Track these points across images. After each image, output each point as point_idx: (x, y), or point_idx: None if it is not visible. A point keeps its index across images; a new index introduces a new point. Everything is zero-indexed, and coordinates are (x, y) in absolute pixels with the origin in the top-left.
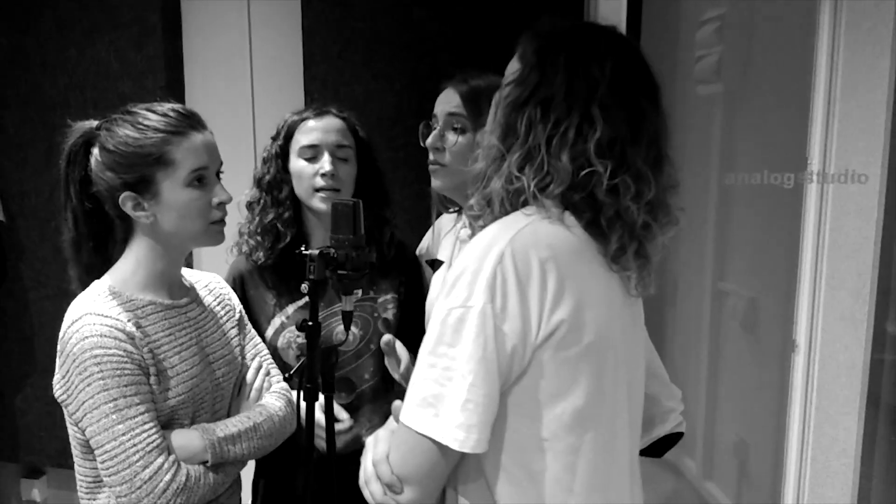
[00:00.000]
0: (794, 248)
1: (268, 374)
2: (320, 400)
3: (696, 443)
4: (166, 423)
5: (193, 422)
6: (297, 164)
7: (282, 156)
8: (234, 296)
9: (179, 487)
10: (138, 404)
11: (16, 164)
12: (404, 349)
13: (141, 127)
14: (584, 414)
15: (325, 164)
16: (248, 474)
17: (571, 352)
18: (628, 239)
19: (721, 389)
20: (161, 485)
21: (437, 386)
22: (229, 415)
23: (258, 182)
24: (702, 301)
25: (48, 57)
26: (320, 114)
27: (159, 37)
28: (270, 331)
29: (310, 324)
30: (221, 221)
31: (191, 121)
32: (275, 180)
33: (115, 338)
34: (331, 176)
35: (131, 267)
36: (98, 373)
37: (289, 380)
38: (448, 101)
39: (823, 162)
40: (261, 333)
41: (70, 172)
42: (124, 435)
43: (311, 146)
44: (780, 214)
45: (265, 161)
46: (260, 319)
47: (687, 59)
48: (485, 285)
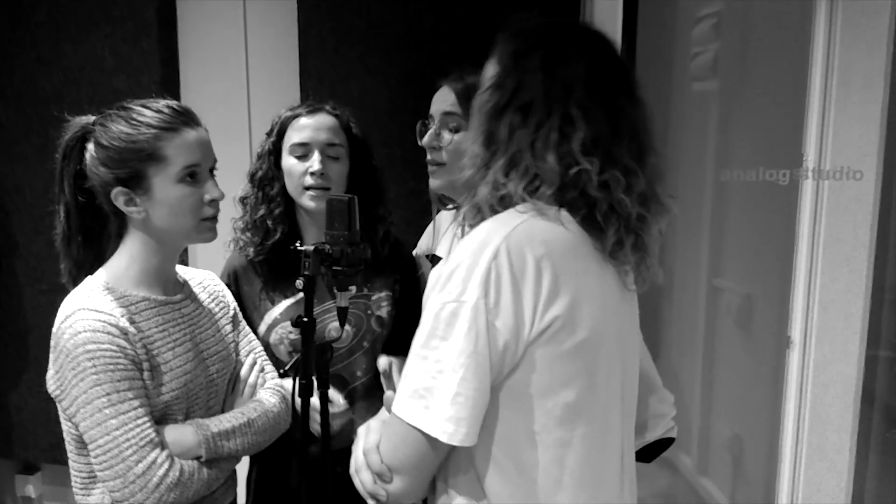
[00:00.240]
0: (790, 245)
1: (262, 370)
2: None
3: (691, 439)
4: (160, 419)
5: (187, 418)
6: (287, 161)
7: (274, 152)
8: (228, 293)
9: (173, 482)
10: (132, 399)
11: (10, 159)
12: (399, 372)
13: (134, 123)
14: (576, 409)
15: (315, 162)
16: (243, 470)
17: (564, 348)
18: (625, 232)
19: (716, 385)
20: (154, 479)
21: (428, 378)
22: (223, 411)
23: (251, 177)
24: (697, 297)
25: (42, 51)
26: (313, 111)
27: (154, 32)
28: (263, 327)
29: (305, 320)
30: (213, 218)
31: (184, 117)
32: (266, 176)
33: (109, 333)
34: (319, 175)
35: (125, 262)
36: (91, 368)
37: (283, 376)
38: (444, 100)
39: (819, 159)
40: (253, 329)
41: (65, 167)
42: (118, 430)
43: (302, 144)
44: (776, 211)
45: (258, 157)
46: (253, 315)
47: (683, 55)
48: (479, 281)
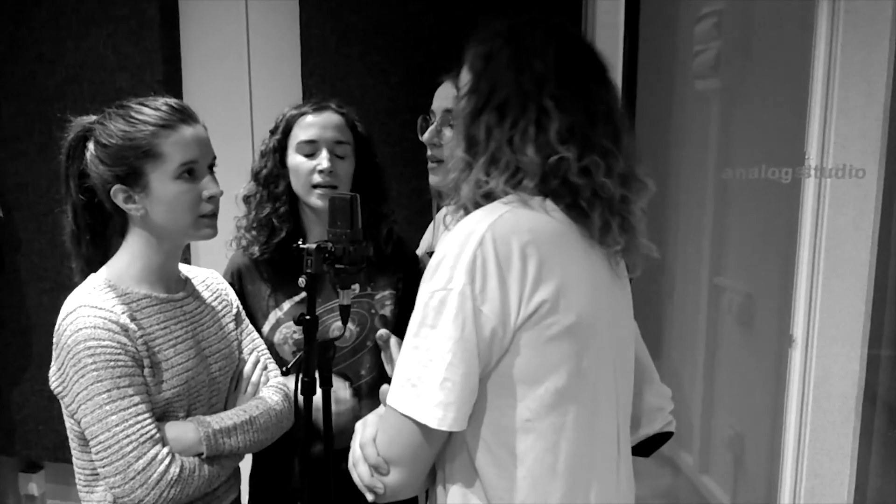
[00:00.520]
0: (792, 243)
1: (265, 368)
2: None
3: (692, 437)
4: (161, 416)
5: (189, 415)
6: (294, 159)
7: (279, 150)
8: (231, 291)
9: (173, 479)
10: (132, 395)
11: (12, 157)
12: (398, 345)
13: (132, 120)
14: (566, 394)
15: (323, 160)
16: (247, 468)
17: (552, 332)
18: (609, 214)
19: (718, 384)
20: (154, 476)
21: (419, 367)
22: (226, 409)
23: (255, 176)
24: (699, 296)
25: (44, 49)
26: (319, 109)
27: (157, 30)
28: (267, 326)
29: (307, 318)
30: (213, 215)
31: (181, 114)
32: (271, 175)
33: (109, 329)
34: (328, 173)
35: (127, 260)
36: (92, 364)
37: (286, 374)
38: (445, 97)
39: (821, 157)
40: (257, 328)
41: (69, 167)
42: (118, 426)
43: (309, 142)
44: (777, 209)
45: (262, 155)
46: (257, 315)
47: (685, 53)
48: (465, 268)
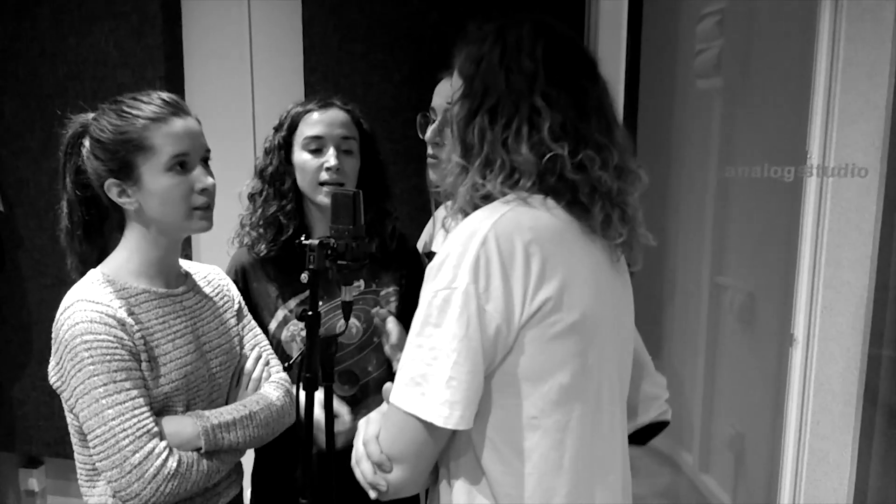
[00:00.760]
0: (793, 242)
1: (267, 363)
2: (319, 391)
3: (693, 436)
4: (160, 411)
5: (188, 410)
6: (300, 156)
7: (284, 147)
8: (233, 286)
9: (170, 473)
10: (129, 389)
11: (13, 153)
12: (395, 322)
13: (124, 114)
14: (571, 391)
15: (331, 157)
16: (249, 464)
17: (556, 330)
18: (610, 207)
19: (719, 383)
20: (151, 470)
21: (423, 366)
22: (227, 405)
23: (260, 173)
24: (700, 295)
25: (46, 45)
26: (325, 105)
27: (159, 26)
28: (274, 324)
29: (309, 313)
30: (207, 208)
31: (172, 107)
32: (277, 172)
33: (106, 324)
34: (335, 170)
35: (125, 255)
36: (88, 358)
37: (288, 370)
38: (445, 95)
39: (823, 156)
40: (264, 326)
41: (67, 163)
42: (114, 420)
43: (316, 137)
44: (779, 208)
45: (267, 152)
46: (263, 312)
47: (687, 52)
48: (469, 267)
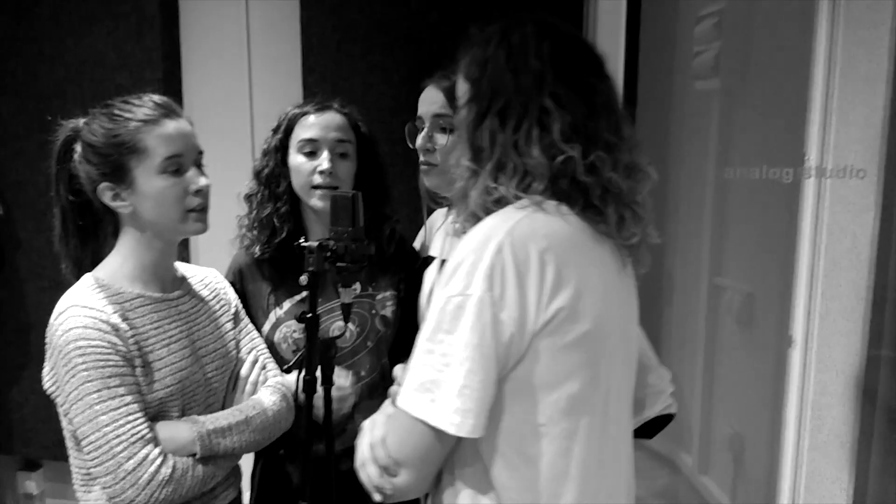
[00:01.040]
0: (791, 243)
1: (264, 367)
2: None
3: (692, 437)
4: (155, 416)
5: (184, 415)
6: (295, 158)
7: (281, 149)
8: (230, 290)
9: (165, 479)
10: (123, 395)
11: (11, 155)
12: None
13: (116, 117)
14: (580, 400)
15: (324, 161)
16: (248, 466)
17: (568, 339)
18: (623, 207)
19: (717, 384)
20: (145, 476)
21: (434, 372)
22: (223, 409)
23: (257, 175)
24: (698, 296)
25: (44, 46)
26: (322, 108)
27: (157, 27)
28: (267, 325)
29: (309, 316)
30: (202, 210)
31: (164, 109)
32: (273, 174)
33: (99, 329)
34: (328, 174)
35: (119, 259)
36: (82, 364)
37: (287, 372)
38: (432, 102)
39: (821, 157)
40: (258, 328)
41: (59, 169)
42: (108, 426)
43: (310, 140)
44: (777, 209)
45: (264, 154)
46: (257, 314)
47: (685, 54)
48: (484, 275)
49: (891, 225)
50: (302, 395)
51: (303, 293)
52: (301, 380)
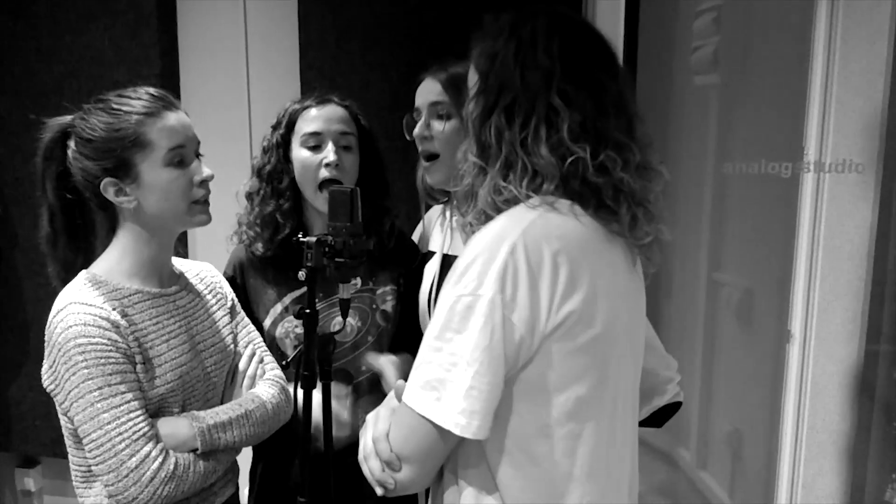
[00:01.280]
0: (790, 239)
1: (261, 361)
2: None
3: (690, 433)
4: (155, 412)
5: (184, 410)
6: (299, 153)
7: (283, 145)
8: (226, 284)
9: (167, 475)
10: (124, 392)
11: (9, 152)
12: (388, 360)
13: (115, 111)
14: (587, 402)
15: (329, 153)
16: (246, 463)
17: (579, 342)
18: (635, 206)
19: (716, 380)
20: (148, 473)
21: (441, 371)
22: (222, 404)
23: (258, 172)
24: (697, 291)
25: (42, 43)
26: (322, 102)
27: (155, 24)
28: (268, 321)
29: (307, 311)
30: (205, 201)
31: (163, 101)
32: (275, 170)
33: (99, 326)
34: (335, 166)
35: (117, 255)
36: (82, 361)
37: (285, 368)
38: (429, 91)
39: (820, 152)
40: (260, 323)
41: (47, 168)
42: (110, 423)
43: (314, 134)
44: (776, 204)
45: (265, 151)
46: (259, 310)
47: (684, 49)
48: (496, 275)
49: (889, 219)
50: (300, 391)
51: (303, 288)
52: (299, 375)
